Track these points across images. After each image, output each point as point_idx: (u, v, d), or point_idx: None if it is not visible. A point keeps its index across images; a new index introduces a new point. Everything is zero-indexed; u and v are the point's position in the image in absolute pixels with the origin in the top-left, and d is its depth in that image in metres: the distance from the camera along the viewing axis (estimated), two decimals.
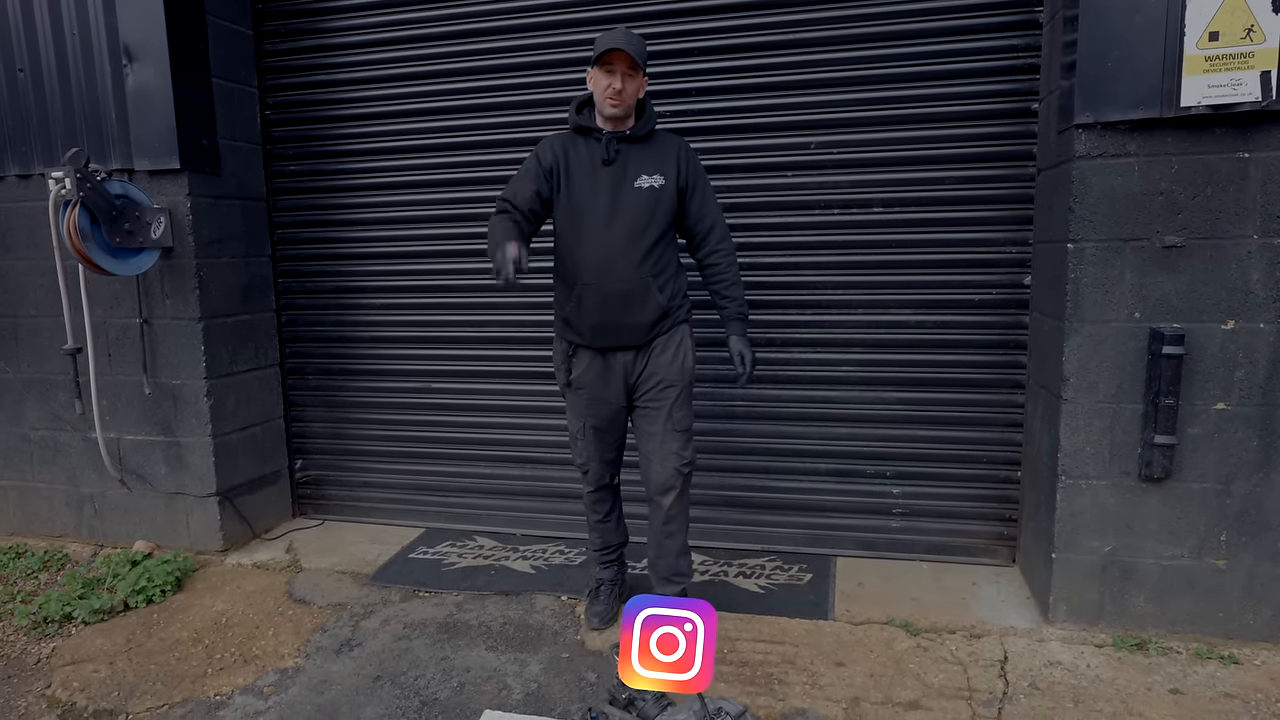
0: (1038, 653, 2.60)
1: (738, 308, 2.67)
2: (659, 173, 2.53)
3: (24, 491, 3.77)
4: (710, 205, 2.65)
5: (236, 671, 2.71)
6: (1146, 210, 2.47)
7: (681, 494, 2.69)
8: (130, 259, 3.18)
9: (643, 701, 1.74)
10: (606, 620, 2.83)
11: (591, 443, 2.71)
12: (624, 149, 2.54)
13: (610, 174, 2.52)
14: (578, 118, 2.60)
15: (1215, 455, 2.52)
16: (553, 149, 2.57)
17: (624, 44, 2.40)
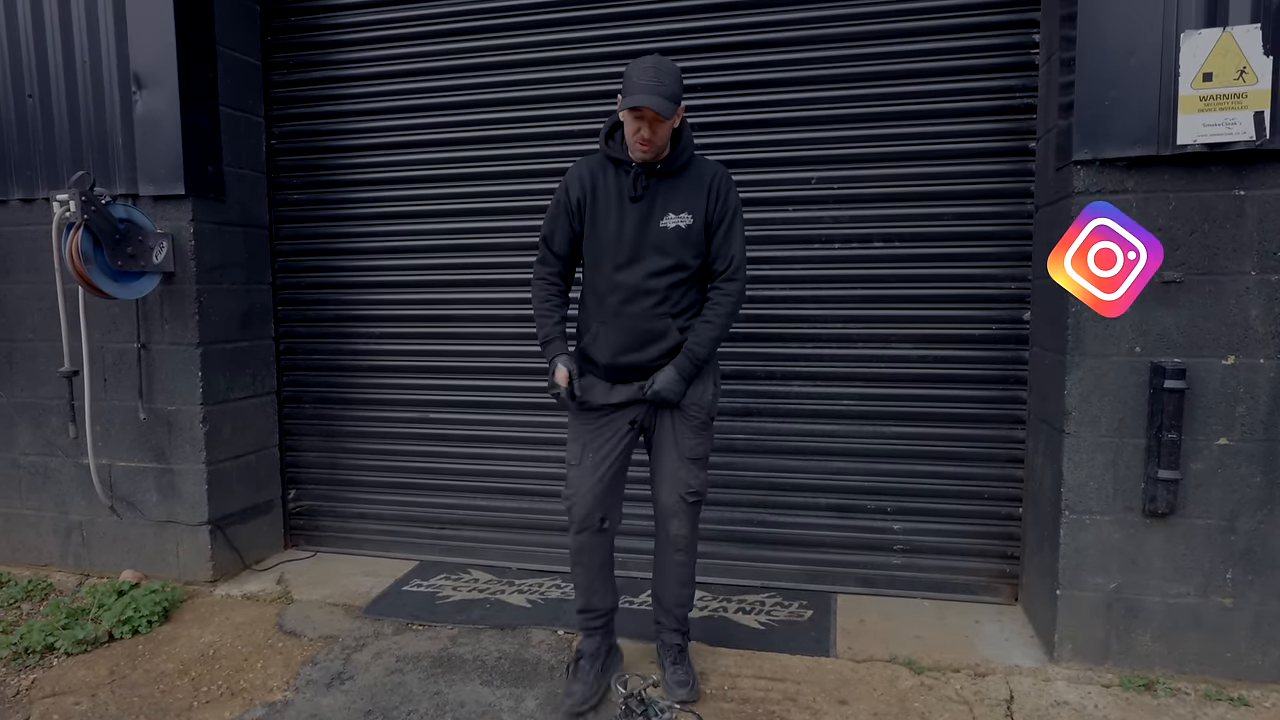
0: (1044, 692, 2.55)
1: (694, 341, 2.41)
2: (687, 210, 2.38)
3: (10, 518, 3.70)
4: (731, 244, 2.44)
5: (223, 705, 2.64)
6: None
7: (686, 522, 2.53)
8: (131, 283, 3.17)
9: None
10: (585, 701, 2.42)
11: (586, 470, 2.48)
12: (653, 184, 2.39)
13: (637, 210, 2.38)
14: (607, 147, 2.43)
15: (1219, 491, 2.50)
16: (581, 180, 2.44)
17: (649, 101, 2.18)
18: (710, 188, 2.41)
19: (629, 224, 2.39)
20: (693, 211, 2.39)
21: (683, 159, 2.40)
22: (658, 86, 2.21)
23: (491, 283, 3.59)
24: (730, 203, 2.44)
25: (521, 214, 3.50)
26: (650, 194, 2.39)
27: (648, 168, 2.37)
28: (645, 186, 2.38)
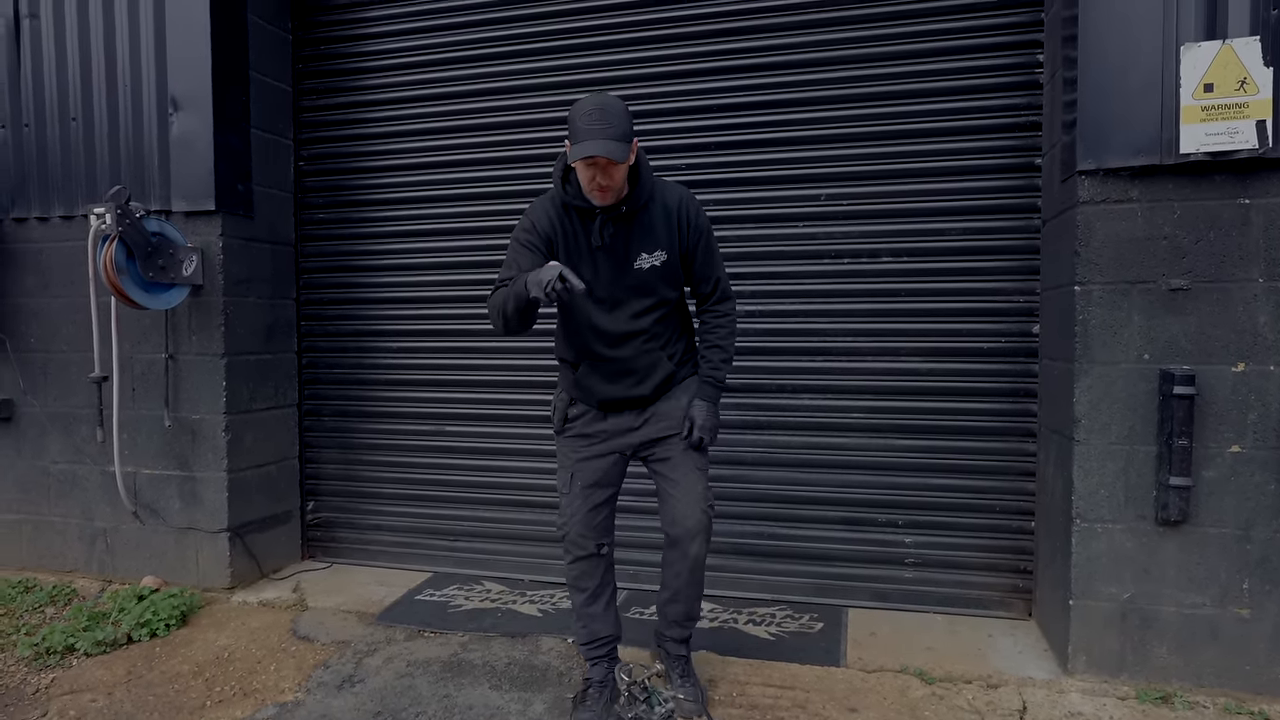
0: (1058, 704, 2.51)
1: (711, 369, 2.43)
2: (660, 248, 2.28)
3: (38, 525, 3.79)
4: (712, 266, 2.41)
5: (235, 704, 2.67)
6: (1151, 254, 2.52)
7: (707, 539, 2.42)
8: (161, 294, 3.29)
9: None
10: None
11: (577, 497, 2.43)
12: (620, 229, 2.26)
13: (608, 257, 2.27)
14: (564, 194, 2.25)
15: (1233, 500, 2.48)
16: (550, 222, 2.27)
17: (600, 149, 2.04)
18: (678, 217, 2.30)
19: (603, 271, 2.28)
20: (665, 247, 2.29)
21: (645, 195, 2.25)
22: (605, 129, 2.06)
23: None
24: (701, 226, 2.35)
25: None
26: (618, 237, 2.26)
27: (610, 212, 2.23)
28: (612, 234, 2.26)
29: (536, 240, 2.26)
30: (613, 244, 2.27)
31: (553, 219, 2.28)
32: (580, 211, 2.26)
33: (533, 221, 2.29)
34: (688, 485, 2.40)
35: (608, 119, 2.07)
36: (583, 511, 2.44)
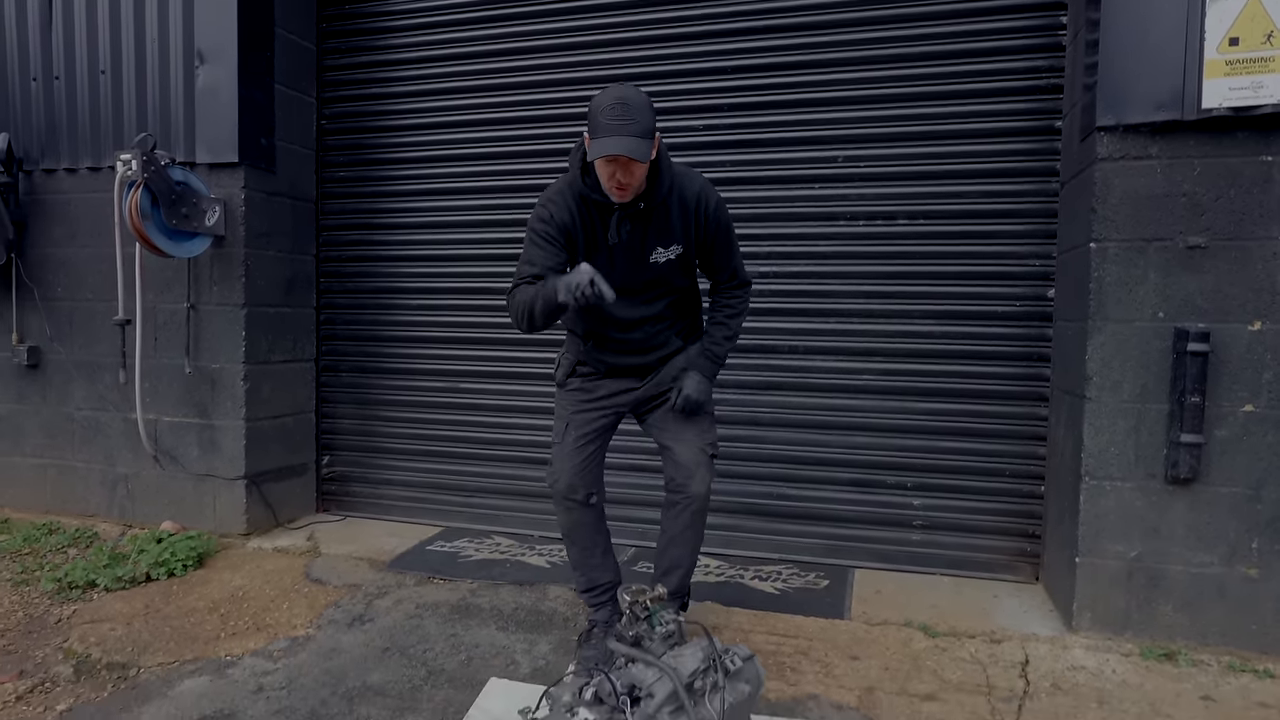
0: (1061, 658, 2.51)
1: (712, 344, 2.41)
2: (676, 242, 2.26)
3: (62, 470, 3.88)
4: (729, 258, 2.40)
5: (249, 637, 2.73)
6: (1169, 211, 2.50)
7: (706, 477, 2.37)
8: (184, 242, 3.35)
9: (650, 641, 1.73)
10: (599, 662, 2.23)
11: (569, 447, 2.43)
12: (638, 224, 2.23)
13: (624, 252, 2.25)
14: (583, 185, 2.19)
15: (1244, 459, 2.47)
16: (569, 212, 2.22)
17: (621, 148, 1.97)
18: (696, 212, 2.25)
19: (618, 266, 2.24)
20: (682, 241, 2.27)
21: (662, 193, 2.19)
22: (627, 125, 1.98)
23: None
24: (720, 221, 2.30)
25: None
26: (635, 233, 2.23)
27: (628, 208, 2.19)
28: (628, 230, 2.22)
29: (554, 233, 2.20)
30: (629, 240, 2.23)
31: (571, 210, 2.21)
32: (598, 205, 2.21)
33: (551, 213, 2.21)
34: (686, 434, 2.40)
35: (630, 114, 1.99)
36: (574, 462, 2.43)
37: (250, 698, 2.34)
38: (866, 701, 2.28)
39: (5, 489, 4.01)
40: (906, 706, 2.26)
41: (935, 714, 2.21)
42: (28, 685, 2.43)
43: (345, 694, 2.35)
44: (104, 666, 2.54)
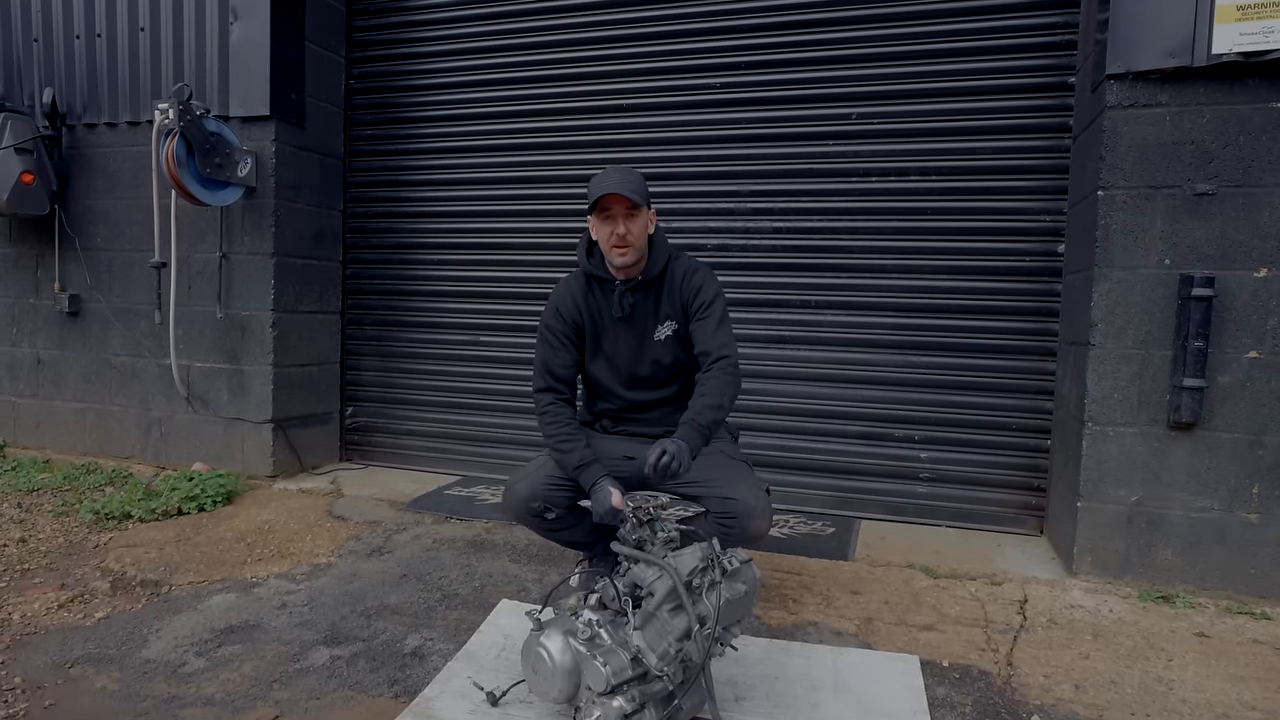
0: (1059, 598, 2.56)
1: (692, 414, 2.12)
2: (671, 318, 2.31)
3: (101, 414, 4.05)
4: (708, 335, 2.24)
5: (273, 563, 2.86)
6: (1177, 159, 2.52)
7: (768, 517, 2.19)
8: (218, 191, 3.48)
9: (651, 545, 1.81)
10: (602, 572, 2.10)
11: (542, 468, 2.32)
12: (639, 299, 2.31)
13: (629, 328, 2.33)
14: (588, 264, 2.33)
15: (1247, 405, 2.49)
16: (575, 302, 2.34)
17: (616, 187, 2.13)
18: (682, 287, 2.29)
19: (625, 342, 2.34)
20: (674, 317, 2.31)
21: (660, 265, 2.29)
22: (623, 182, 2.16)
23: (544, 213, 3.79)
24: (705, 293, 2.27)
25: (577, 149, 3.71)
26: (639, 310, 2.31)
27: (630, 282, 2.28)
28: (631, 305, 2.30)
29: (565, 329, 2.34)
30: (632, 314, 2.32)
31: (576, 298, 2.35)
32: (602, 283, 2.33)
33: (557, 307, 2.36)
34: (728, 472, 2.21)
35: (624, 175, 2.21)
36: (541, 475, 2.29)
37: (274, 612, 2.46)
38: (865, 629, 2.35)
39: (47, 432, 4.19)
40: (904, 634, 2.32)
41: (932, 641, 2.27)
42: (68, 595, 2.57)
43: (363, 612, 2.46)
44: (138, 583, 2.68)
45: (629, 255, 2.22)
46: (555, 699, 1.77)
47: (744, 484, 2.16)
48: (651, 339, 2.33)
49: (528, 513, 2.30)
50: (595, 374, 2.41)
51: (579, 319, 2.35)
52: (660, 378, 2.37)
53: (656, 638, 1.70)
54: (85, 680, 2.05)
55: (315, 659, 2.16)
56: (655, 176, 3.56)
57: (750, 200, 3.48)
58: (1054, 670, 2.12)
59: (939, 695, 1.98)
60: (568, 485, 2.27)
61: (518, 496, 2.29)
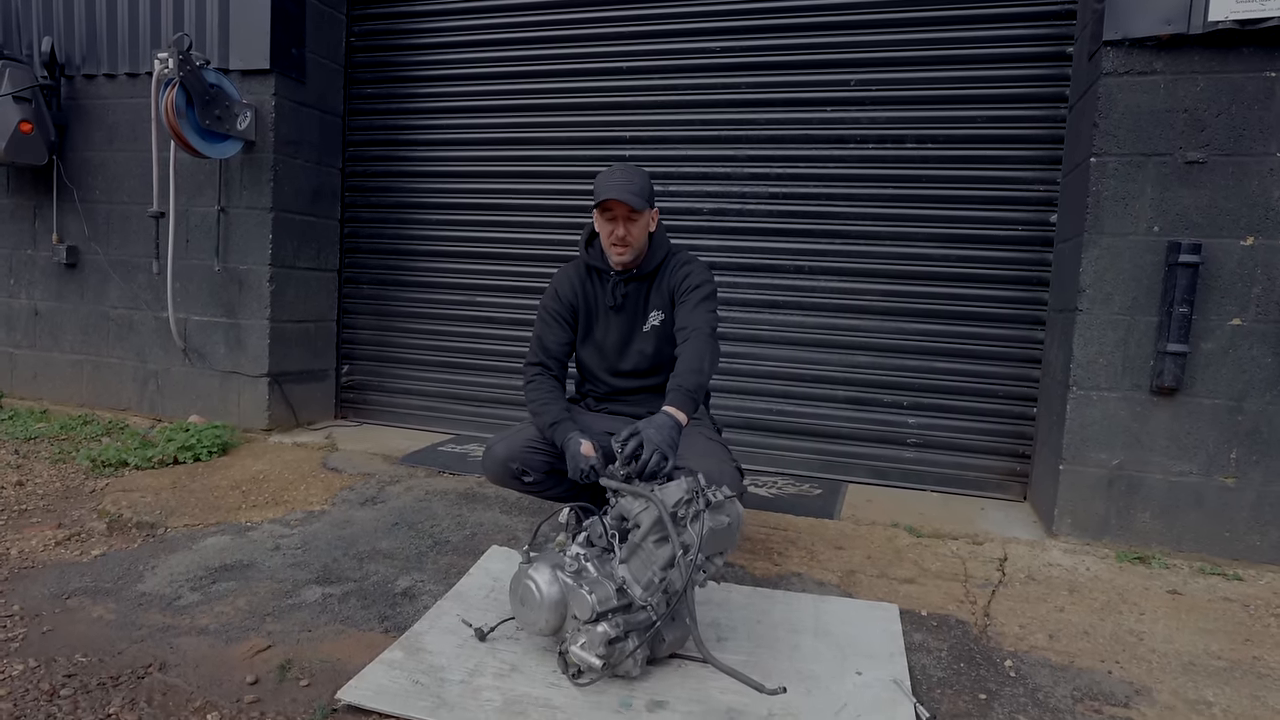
0: (1038, 557, 2.62)
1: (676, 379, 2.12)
2: (660, 308, 2.38)
3: (98, 366, 4.08)
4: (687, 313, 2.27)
5: (268, 509, 2.90)
6: (1170, 127, 2.55)
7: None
8: (217, 144, 3.49)
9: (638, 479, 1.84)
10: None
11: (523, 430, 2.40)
12: (632, 290, 2.39)
13: (621, 318, 2.41)
14: (587, 255, 2.43)
15: (1228, 371, 2.53)
16: (571, 285, 2.44)
17: (619, 192, 2.19)
18: (673, 276, 2.35)
19: (615, 331, 2.43)
20: (663, 307, 2.38)
21: (656, 260, 2.37)
22: (626, 185, 2.22)
23: (543, 174, 3.80)
24: (691, 279, 2.31)
25: (577, 110, 3.71)
26: (631, 300, 2.40)
27: (625, 274, 2.37)
28: (624, 295, 2.39)
29: (560, 309, 2.44)
30: (625, 304, 2.41)
31: (574, 284, 2.45)
32: (599, 273, 2.43)
33: (556, 290, 2.47)
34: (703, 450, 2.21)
35: (629, 177, 2.27)
36: (520, 439, 2.36)
37: (268, 553, 2.50)
38: (847, 581, 2.40)
39: (44, 383, 4.22)
40: (885, 586, 2.37)
41: (912, 593, 2.33)
42: (65, 534, 2.61)
43: (356, 555, 2.51)
44: (134, 525, 2.72)
45: (627, 255, 2.32)
46: (542, 630, 1.82)
47: (714, 458, 2.18)
48: (640, 330, 2.42)
49: (506, 474, 2.39)
50: (584, 358, 2.52)
51: (575, 302, 2.44)
52: (643, 367, 2.44)
53: (641, 569, 1.75)
54: (82, 610, 2.09)
55: (307, 596, 2.21)
56: (653, 140, 3.60)
57: (747, 165, 3.50)
58: (1029, 621, 2.17)
59: (916, 640, 2.03)
60: (545, 450, 2.33)
61: (495, 459, 2.38)
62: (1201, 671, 1.93)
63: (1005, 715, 1.70)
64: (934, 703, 1.74)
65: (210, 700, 1.67)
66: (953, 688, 1.81)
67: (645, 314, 2.41)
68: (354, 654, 1.88)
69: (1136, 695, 1.81)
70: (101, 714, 1.60)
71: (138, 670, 1.78)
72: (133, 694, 1.68)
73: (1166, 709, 1.76)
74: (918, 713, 1.67)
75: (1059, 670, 1.91)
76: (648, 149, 3.62)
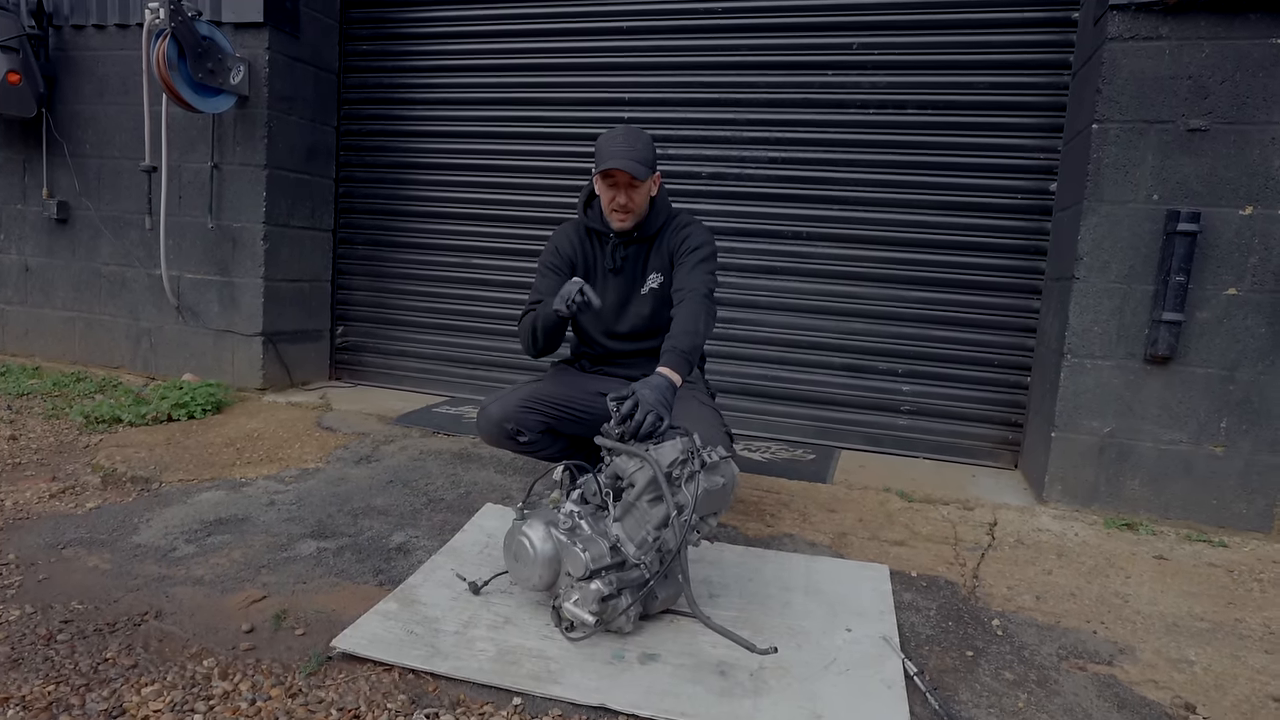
0: (1028, 522, 2.65)
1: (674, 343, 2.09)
2: (660, 270, 2.36)
3: (90, 323, 4.05)
4: (684, 275, 2.26)
5: (262, 466, 2.91)
6: (1173, 93, 2.53)
7: None
8: (210, 98, 3.43)
9: (633, 439, 1.85)
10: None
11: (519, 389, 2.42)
12: (631, 253, 2.37)
13: (619, 280, 2.39)
14: (585, 217, 2.40)
15: (1222, 340, 2.54)
16: (571, 245, 2.42)
17: (621, 162, 2.15)
18: (672, 239, 2.33)
19: (613, 294, 2.40)
20: (662, 269, 2.35)
21: (657, 223, 2.34)
22: (629, 152, 2.17)
23: (541, 135, 3.76)
24: (691, 241, 2.29)
25: (576, 70, 3.67)
26: (630, 264, 2.38)
27: (624, 237, 2.34)
28: (624, 258, 2.37)
29: (560, 263, 2.42)
30: (624, 267, 2.38)
31: (574, 242, 2.43)
32: (598, 235, 2.40)
33: (556, 245, 2.45)
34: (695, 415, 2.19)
35: (631, 143, 2.20)
36: (514, 399, 2.34)
37: (263, 508, 2.51)
38: (838, 542, 2.43)
39: (36, 340, 4.20)
40: (876, 548, 2.40)
41: (902, 555, 2.35)
42: (60, 487, 2.61)
43: (350, 511, 2.51)
44: (128, 479, 2.72)
45: (628, 222, 2.29)
46: (535, 586, 1.83)
47: (705, 424, 2.16)
48: (638, 292, 2.40)
49: (501, 434, 2.37)
50: (581, 320, 2.48)
51: (575, 260, 2.43)
52: (640, 329, 2.43)
53: (635, 527, 1.76)
54: (78, 560, 2.10)
55: (302, 549, 2.22)
56: (652, 102, 3.56)
57: (747, 129, 3.46)
58: (1017, 583, 2.20)
59: (906, 600, 2.06)
60: (540, 409, 2.34)
61: (490, 419, 2.36)
62: (1184, 632, 1.96)
63: (991, 671, 1.73)
64: (922, 659, 1.76)
65: (206, 647, 1.68)
66: (940, 645, 1.84)
67: (644, 276, 2.40)
68: (349, 605, 1.89)
69: (1120, 654, 1.85)
70: (99, 658, 1.62)
71: (134, 618, 1.79)
72: (129, 640, 1.70)
73: (1148, 666, 1.80)
74: (905, 668, 1.69)
75: (1045, 629, 1.94)
76: (647, 111, 3.58)
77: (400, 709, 1.50)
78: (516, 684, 1.57)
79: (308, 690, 1.54)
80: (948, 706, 1.57)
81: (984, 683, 1.69)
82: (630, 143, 2.21)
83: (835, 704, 1.55)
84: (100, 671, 1.57)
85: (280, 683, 1.57)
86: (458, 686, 1.58)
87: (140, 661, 1.62)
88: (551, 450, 2.43)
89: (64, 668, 1.58)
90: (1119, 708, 1.63)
